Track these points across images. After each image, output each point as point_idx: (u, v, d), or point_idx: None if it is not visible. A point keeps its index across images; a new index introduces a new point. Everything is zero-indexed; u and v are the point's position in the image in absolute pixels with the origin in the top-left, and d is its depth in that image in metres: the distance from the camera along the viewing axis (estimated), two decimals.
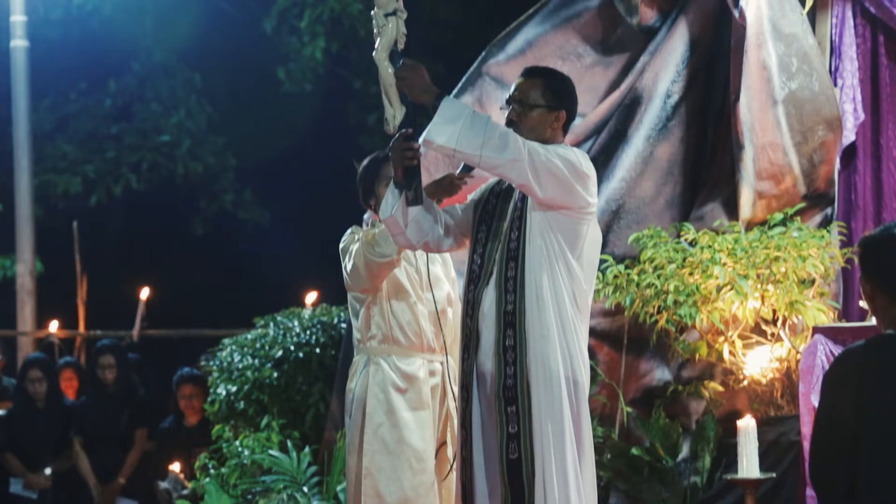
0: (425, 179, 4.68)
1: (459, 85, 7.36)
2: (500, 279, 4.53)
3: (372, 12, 4.52)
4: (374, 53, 4.52)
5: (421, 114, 4.47)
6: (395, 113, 4.51)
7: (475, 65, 7.38)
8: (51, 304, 12.24)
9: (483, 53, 7.41)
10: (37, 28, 13.36)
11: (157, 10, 15.26)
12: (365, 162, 5.44)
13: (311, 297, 8.90)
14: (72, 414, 8.65)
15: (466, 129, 4.31)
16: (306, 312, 7.98)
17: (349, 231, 5.40)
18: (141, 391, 8.91)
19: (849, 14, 7.05)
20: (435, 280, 5.30)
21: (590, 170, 4.53)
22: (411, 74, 4.41)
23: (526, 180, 4.38)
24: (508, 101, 4.65)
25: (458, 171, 4.89)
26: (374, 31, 4.51)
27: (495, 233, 4.62)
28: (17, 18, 11.81)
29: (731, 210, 6.88)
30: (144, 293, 10.51)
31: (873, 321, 5.88)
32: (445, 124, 4.32)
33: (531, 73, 4.70)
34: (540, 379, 4.44)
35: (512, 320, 4.48)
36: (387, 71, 4.47)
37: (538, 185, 4.40)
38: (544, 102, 4.60)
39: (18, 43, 11.82)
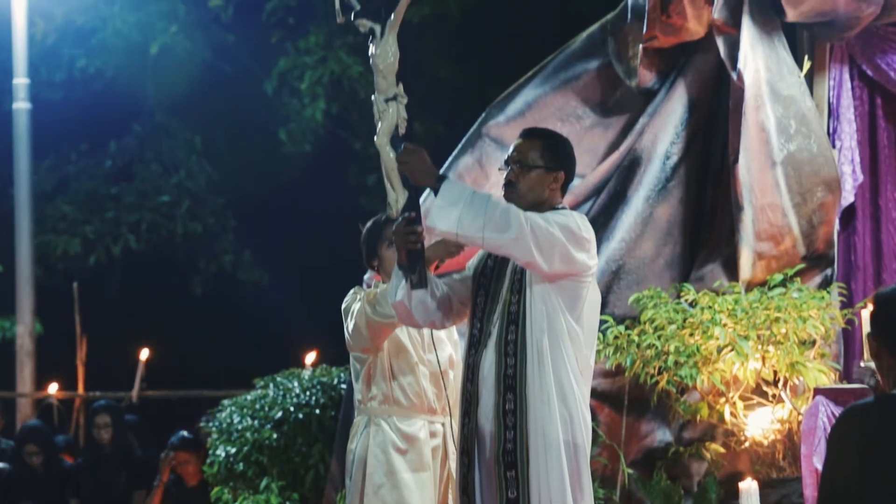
0: (428, 239, 4.71)
1: (460, 146, 7.39)
2: (499, 342, 4.51)
3: (373, 97, 4.58)
4: (375, 138, 4.59)
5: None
6: (397, 197, 4.56)
7: (475, 126, 7.42)
8: (50, 365, 12.21)
9: (483, 115, 7.45)
10: (39, 90, 13.43)
11: (158, 71, 15.37)
12: (368, 224, 5.48)
13: (310, 357, 8.89)
14: (69, 476, 8.60)
15: (467, 211, 4.31)
16: (306, 373, 7.95)
17: (352, 291, 5.42)
18: (138, 452, 8.86)
19: (846, 76, 7.11)
20: (437, 341, 5.31)
21: (589, 233, 4.53)
22: (412, 159, 4.42)
23: (531, 258, 4.37)
24: (507, 162, 4.66)
25: None
26: (375, 116, 4.58)
27: (494, 296, 4.61)
28: (20, 81, 11.88)
29: (731, 271, 6.88)
30: (144, 354, 10.49)
31: None
32: (447, 208, 4.33)
33: (530, 134, 4.72)
34: (539, 444, 4.42)
35: (512, 384, 4.47)
36: (388, 156, 4.53)
37: (543, 261, 4.38)
38: (543, 163, 4.61)
39: (21, 105, 11.87)
